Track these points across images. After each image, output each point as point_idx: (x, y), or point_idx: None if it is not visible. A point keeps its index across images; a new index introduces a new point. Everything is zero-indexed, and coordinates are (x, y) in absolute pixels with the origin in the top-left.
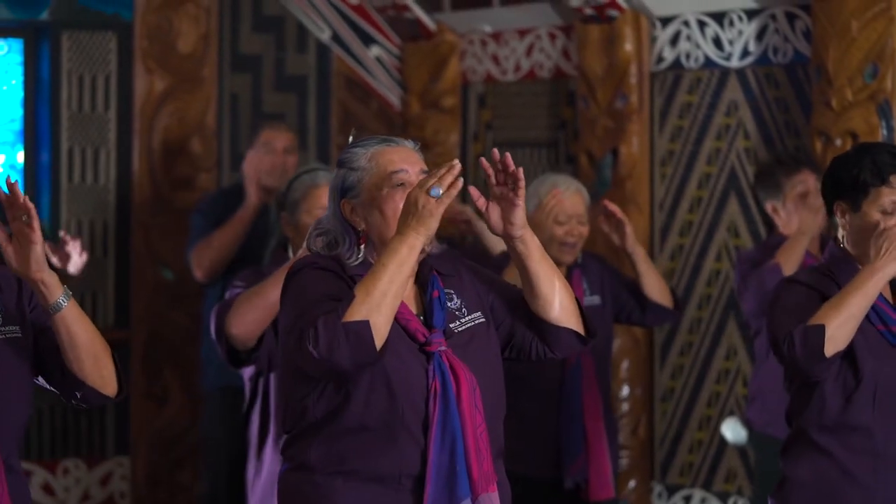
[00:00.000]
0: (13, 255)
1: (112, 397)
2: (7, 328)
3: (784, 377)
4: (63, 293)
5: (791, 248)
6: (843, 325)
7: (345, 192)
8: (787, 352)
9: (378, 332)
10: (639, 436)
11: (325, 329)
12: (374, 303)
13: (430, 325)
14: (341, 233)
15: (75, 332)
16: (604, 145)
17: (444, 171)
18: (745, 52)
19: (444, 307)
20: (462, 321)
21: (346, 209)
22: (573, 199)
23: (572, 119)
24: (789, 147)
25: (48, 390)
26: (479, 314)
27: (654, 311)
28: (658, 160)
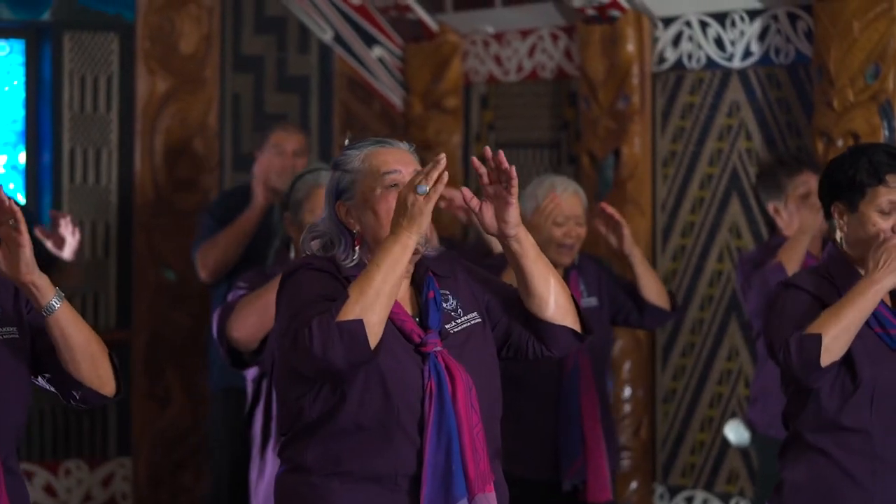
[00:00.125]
0: (2, 259)
1: (110, 397)
2: (4, 329)
3: (781, 380)
4: (55, 295)
5: (793, 247)
6: (840, 336)
7: (339, 195)
8: (782, 359)
9: (372, 331)
10: (641, 437)
11: (319, 329)
12: (367, 302)
13: (425, 326)
14: (337, 235)
15: (70, 334)
16: (606, 146)
17: (430, 167)
18: (746, 53)
19: (439, 308)
20: (458, 322)
21: (341, 211)
22: (571, 201)
23: (574, 120)
24: (791, 148)
25: (48, 391)
26: (474, 314)
27: (651, 313)
28: (660, 161)
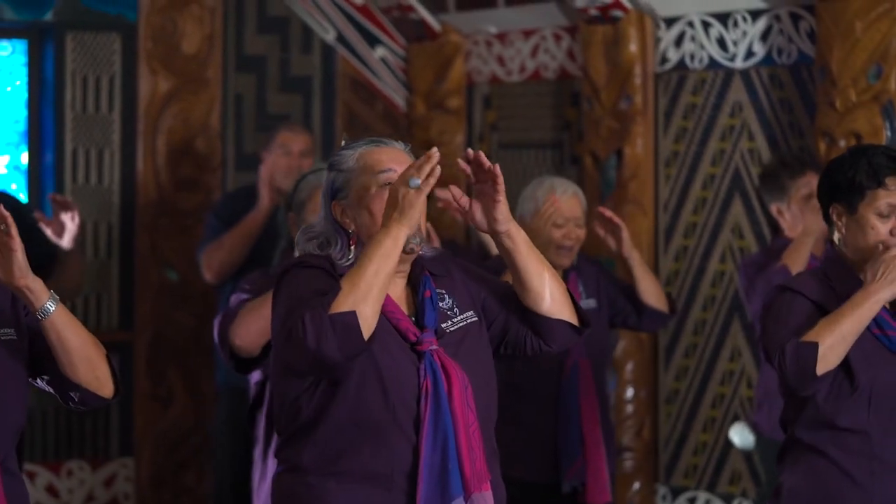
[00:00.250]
0: None
1: (109, 399)
2: (1, 331)
3: (779, 383)
4: (50, 298)
5: (797, 249)
6: (837, 346)
7: (335, 194)
8: (777, 365)
9: (366, 323)
10: (643, 438)
11: (312, 322)
12: (360, 294)
13: (421, 325)
14: (333, 234)
15: (66, 336)
16: (608, 146)
17: (422, 160)
18: (749, 53)
19: (435, 307)
20: (454, 321)
21: (336, 211)
22: (570, 202)
23: (577, 120)
24: (793, 148)
25: (49, 392)
26: (471, 313)
27: (650, 316)
28: (662, 161)
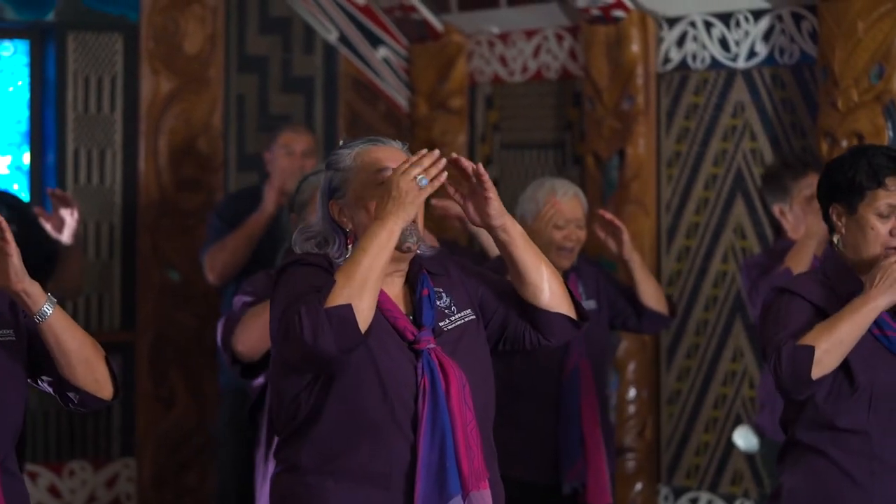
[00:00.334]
0: None
1: (108, 401)
2: (0, 332)
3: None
4: (47, 301)
5: (800, 252)
6: (833, 350)
7: (332, 194)
8: (773, 368)
9: (361, 316)
10: (645, 438)
11: (308, 316)
12: (355, 287)
13: (419, 324)
14: (330, 233)
15: (63, 339)
16: (610, 146)
17: (429, 162)
18: (751, 53)
19: (433, 306)
20: (451, 319)
21: (334, 210)
22: (571, 204)
23: (579, 120)
24: (795, 148)
25: (49, 393)
26: (468, 312)
27: (650, 318)
28: (664, 161)
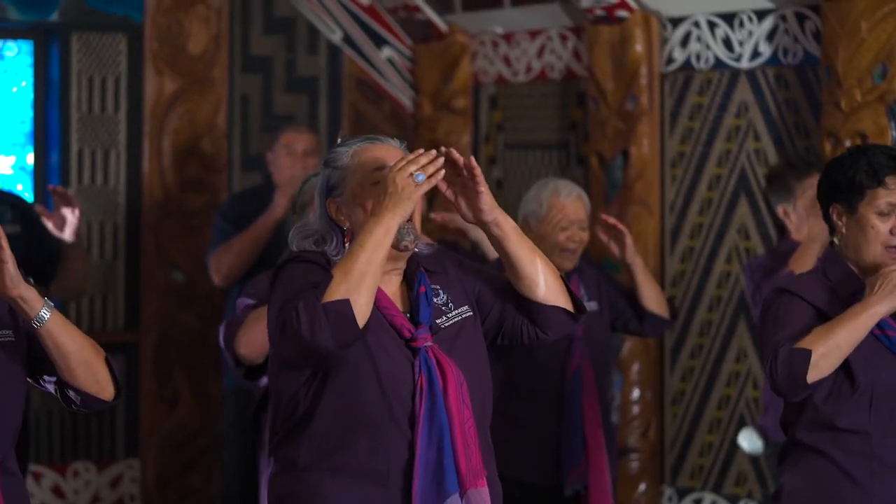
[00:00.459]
0: None
1: (110, 401)
2: (0, 332)
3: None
4: (44, 306)
5: (803, 254)
6: (830, 355)
7: (329, 191)
8: (769, 370)
9: (359, 311)
10: (649, 439)
11: (306, 311)
12: (352, 282)
13: (416, 322)
14: (328, 231)
15: (62, 342)
16: (614, 147)
17: (426, 160)
18: (755, 53)
19: (430, 303)
20: (448, 316)
21: (331, 208)
22: (575, 205)
23: (583, 120)
24: (799, 148)
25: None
26: (466, 308)
27: (651, 321)
28: (668, 162)
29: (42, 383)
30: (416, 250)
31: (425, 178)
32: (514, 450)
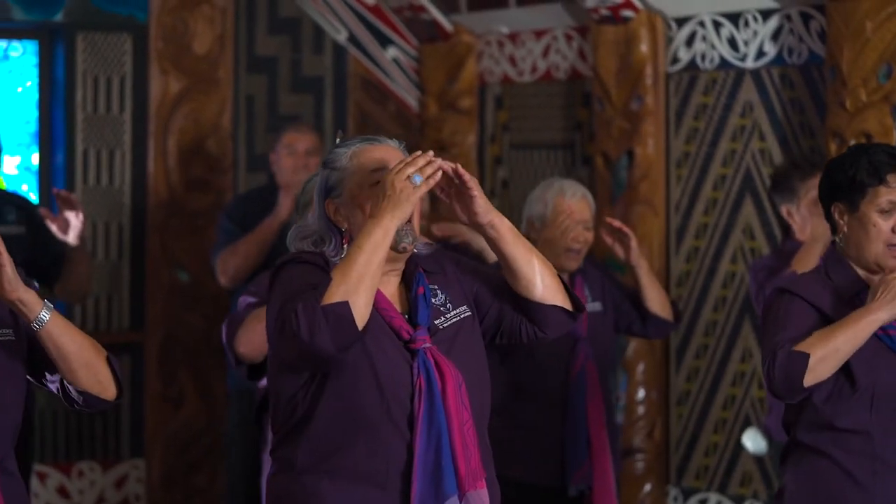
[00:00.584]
0: None
1: (112, 401)
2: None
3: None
4: (44, 308)
5: (807, 254)
6: (828, 359)
7: (328, 192)
8: (766, 370)
9: (358, 313)
10: (654, 439)
11: (305, 314)
12: (351, 285)
13: (414, 323)
14: (326, 232)
15: (63, 344)
16: (619, 147)
17: (423, 161)
18: (760, 53)
19: (428, 304)
20: (447, 316)
21: (329, 209)
22: (579, 206)
23: (588, 120)
24: (804, 148)
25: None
26: (464, 308)
27: (655, 323)
28: (673, 161)
29: (44, 383)
30: (414, 251)
31: (423, 180)
32: (517, 450)
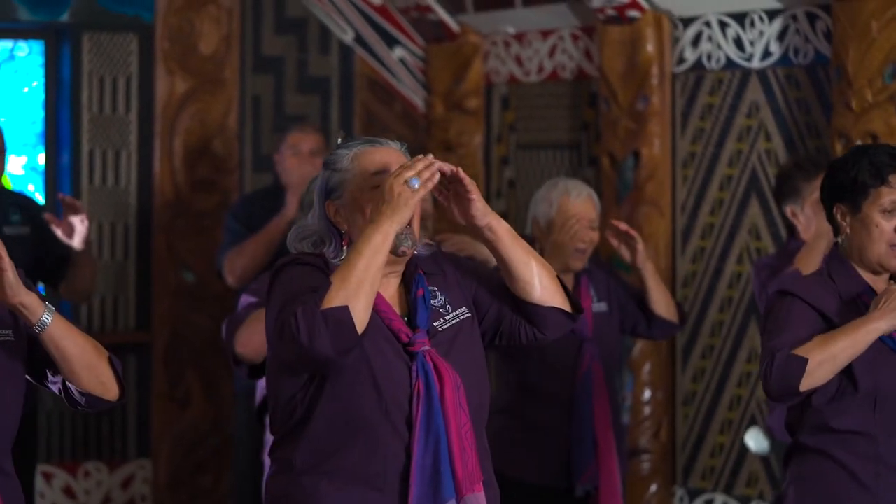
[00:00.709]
0: None
1: (115, 402)
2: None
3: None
4: (46, 311)
5: (810, 253)
6: (825, 364)
7: (329, 194)
8: (763, 372)
9: (358, 317)
10: (660, 439)
11: (304, 317)
12: (351, 289)
13: (413, 325)
14: (326, 234)
15: (64, 346)
16: (625, 147)
17: (422, 165)
18: (766, 53)
19: (427, 306)
20: (446, 318)
21: (330, 210)
22: (585, 206)
23: (594, 120)
24: (810, 149)
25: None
26: (463, 310)
27: (660, 325)
28: (679, 162)
29: (46, 384)
30: (414, 253)
31: (420, 183)
32: (523, 451)
